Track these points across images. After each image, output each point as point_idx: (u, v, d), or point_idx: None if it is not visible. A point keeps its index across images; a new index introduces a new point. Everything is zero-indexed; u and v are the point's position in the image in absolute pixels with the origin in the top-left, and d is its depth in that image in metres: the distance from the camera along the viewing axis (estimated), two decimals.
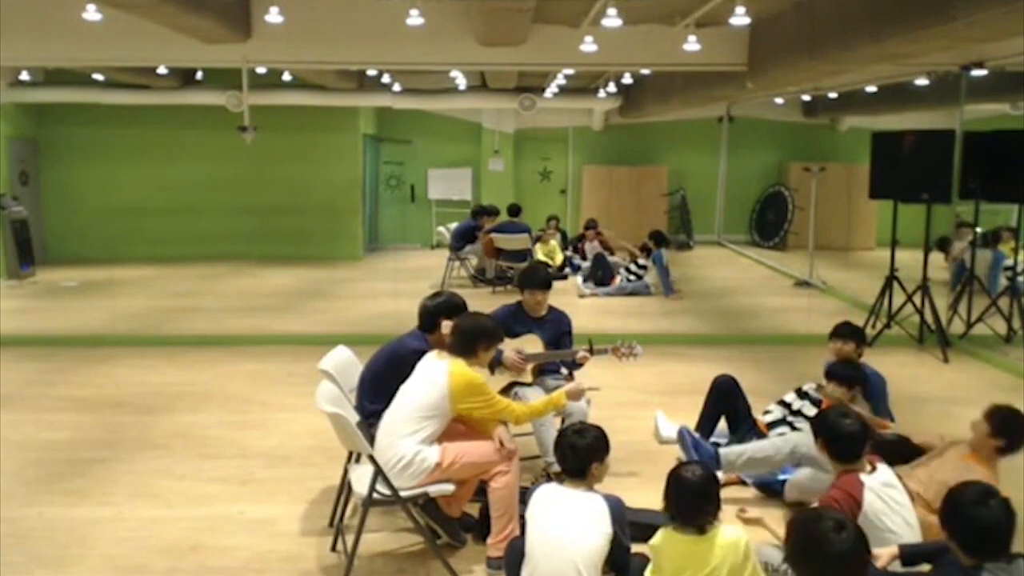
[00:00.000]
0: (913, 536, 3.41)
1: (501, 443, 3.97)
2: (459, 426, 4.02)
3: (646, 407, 5.98)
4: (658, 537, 3.25)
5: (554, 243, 12.88)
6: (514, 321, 5.13)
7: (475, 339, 4.04)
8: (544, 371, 5.14)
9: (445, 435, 3.97)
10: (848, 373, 4.83)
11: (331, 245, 14.74)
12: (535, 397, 4.89)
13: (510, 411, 4.05)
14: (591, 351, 4.97)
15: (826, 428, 3.61)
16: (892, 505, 3.42)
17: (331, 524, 4.33)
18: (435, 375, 3.93)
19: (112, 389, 7.03)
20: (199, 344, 8.56)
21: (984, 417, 4.11)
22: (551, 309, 5.28)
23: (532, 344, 5.06)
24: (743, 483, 4.84)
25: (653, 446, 5.70)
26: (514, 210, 12.67)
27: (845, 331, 5.21)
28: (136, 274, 12.85)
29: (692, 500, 3.17)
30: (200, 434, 5.91)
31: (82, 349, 8.33)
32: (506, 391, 4.95)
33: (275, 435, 5.85)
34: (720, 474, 4.56)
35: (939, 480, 3.90)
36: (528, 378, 5.03)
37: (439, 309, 4.47)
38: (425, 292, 12.63)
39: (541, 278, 5.23)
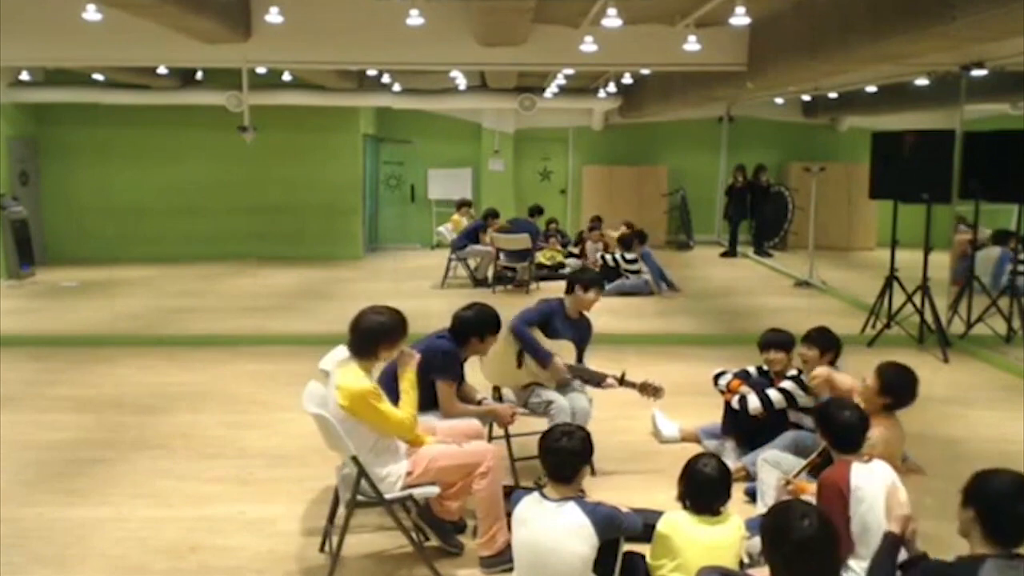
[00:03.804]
0: None
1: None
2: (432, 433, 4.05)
3: (646, 407, 5.96)
4: (671, 521, 3.39)
5: (556, 247, 12.95)
6: (556, 319, 5.16)
7: (373, 340, 3.87)
8: None
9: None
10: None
11: (331, 245, 14.73)
12: (554, 397, 4.95)
13: (397, 425, 3.83)
14: (621, 381, 5.07)
15: (826, 419, 3.71)
16: (881, 491, 3.42)
17: (330, 524, 4.33)
18: (331, 388, 3.85)
19: (112, 389, 7.03)
20: (199, 344, 8.56)
21: (875, 373, 4.20)
22: (582, 313, 5.32)
23: (564, 349, 5.10)
24: (749, 478, 4.84)
25: (653, 446, 5.71)
26: (533, 210, 13.18)
27: (814, 337, 5.03)
28: (136, 274, 12.84)
29: (708, 490, 3.43)
30: (200, 434, 5.90)
31: (82, 349, 8.33)
32: (525, 388, 5.00)
33: (275, 435, 5.85)
34: (729, 464, 4.57)
35: None
36: (552, 382, 5.07)
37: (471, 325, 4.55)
38: (425, 292, 12.65)
39: (600, 278, 5.37)
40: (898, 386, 4.18)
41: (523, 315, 5.09)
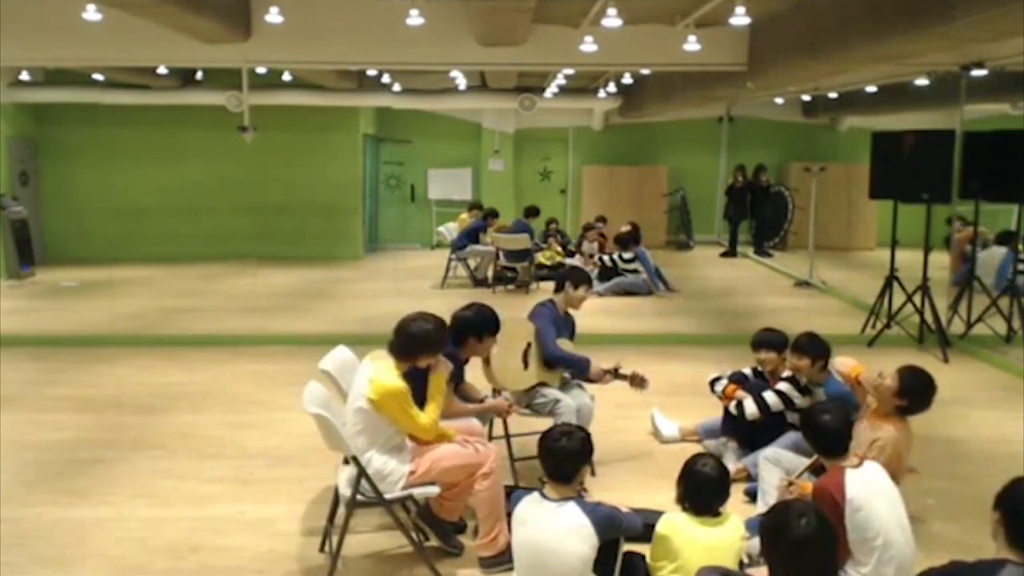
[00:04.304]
0: (895, 522, 3.41)
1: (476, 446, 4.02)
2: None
3: (646, 407, 5.97)
4: (671, 522, 3.38)
5: (556, 247, 12.99)
6: (556, 323, 5.19)
7: (415, 346, 3.94)
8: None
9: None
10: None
11: (331, 245, 14.73)
12: (560, 396, 4.98)
13: (420, 428, 3.90)
14: (616, 374, 5.15)
15: (809, 425, 3.71)
16: (876, 495, 3.42)
17: (330, 524, 4.33)
18: (363, 381, 3.90)
19: (112, 389, 7.03)
20: (199, 344, 8.56)
21: (896, 373, 4.19)
22: (567, 311, 5.41)
23: (562, 345, 5.14)
24: (749, 478, 4.84)
25: (653, 446, 5.70)
26: (529, 211, 13.08)
27: (804, 346, 4.89)
28: (136, 274, 12.84)
29: (707, 491, 3.41)
30: (200, 434, 5.90)
31: (82, 349, 8.33)
32: (529, 391, 5.00)
33: (275, 435, 5.85)
34: (730, 465, 4.58)
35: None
36: (556, 382, 5.09)
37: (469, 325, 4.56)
38: (425, 292, 12.65)
39: (588, 276, 5.47)
40: (916, 391, 4.16)
41: (546, 336, 5.04)
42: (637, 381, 5.17)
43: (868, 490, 3.40)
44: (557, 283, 5.39)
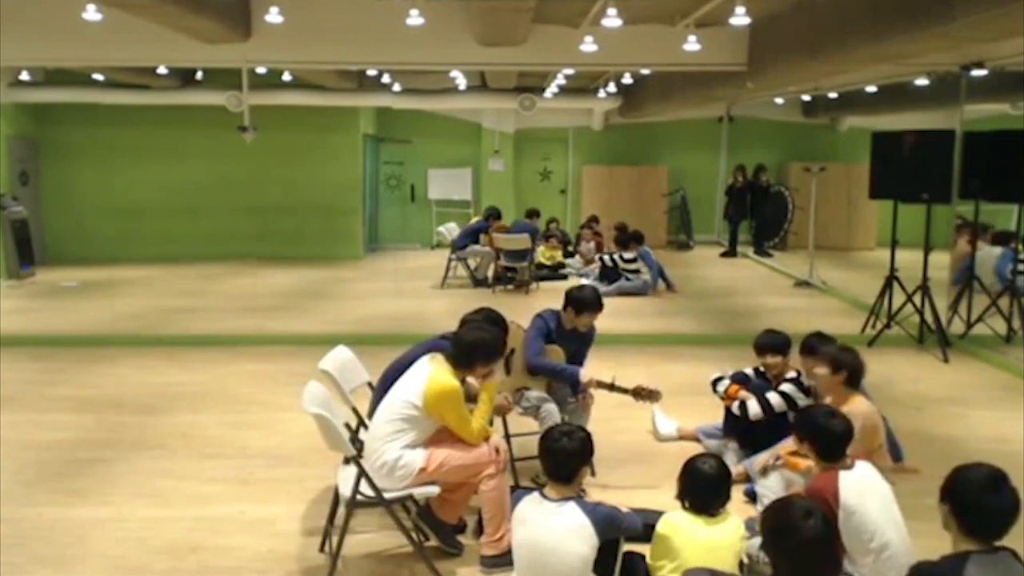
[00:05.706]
0: (889, 520, 3.40)
1: (497, 450, 4.01)
2: (448, 431, 4.03)
3: (646, 407, 5.96)
4: (671, 522, 3.37)
5: (556, 247, 13.01)
6: (553, 333, 5.08)
7: (472, 355, 4.01)
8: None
9: (435, 438, 3.98)
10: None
11: (331, 245, 14.74)
12: (543, 399, 4.94)
13: (470, 432, 3.97)
14: (611, 387, 4.94)
15: (812, 428, 3.57)
16: (869, 496, 3.41)
17: (330, 524, 4.33)
18: (418, 378, 3.94)
19: (112, 389, 7.03)
20: (199, 344, 8.56)
21: (822, 361, 4.46)
22: None
23: (552, 352, 5.04)
24: (749, 480, 4.84)
25: (653, 446, 5.70)
26: (531, 213, 13.08)
27: (811, 346, 4.84)
28: (136, 274, 12.84)
29: (708, 490, 3.40)
30: (200, 434, 5.90)
31: (82, 349, 8.33)
32: (516, 393, 4.97)
33: (275, 435, 5.85)
34: (731, 465, 4.57)
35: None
36: (542, 387, 5.05)
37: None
38: (425, 292, 12.60)
39: (598, 301, 5.14)
40: (845, 358, 4.38)
41: (531, 348, 4.96)
42: (644, 394, 4.92)
43: (861, 492, 3.39)
44: (564, 301, 5.18)
